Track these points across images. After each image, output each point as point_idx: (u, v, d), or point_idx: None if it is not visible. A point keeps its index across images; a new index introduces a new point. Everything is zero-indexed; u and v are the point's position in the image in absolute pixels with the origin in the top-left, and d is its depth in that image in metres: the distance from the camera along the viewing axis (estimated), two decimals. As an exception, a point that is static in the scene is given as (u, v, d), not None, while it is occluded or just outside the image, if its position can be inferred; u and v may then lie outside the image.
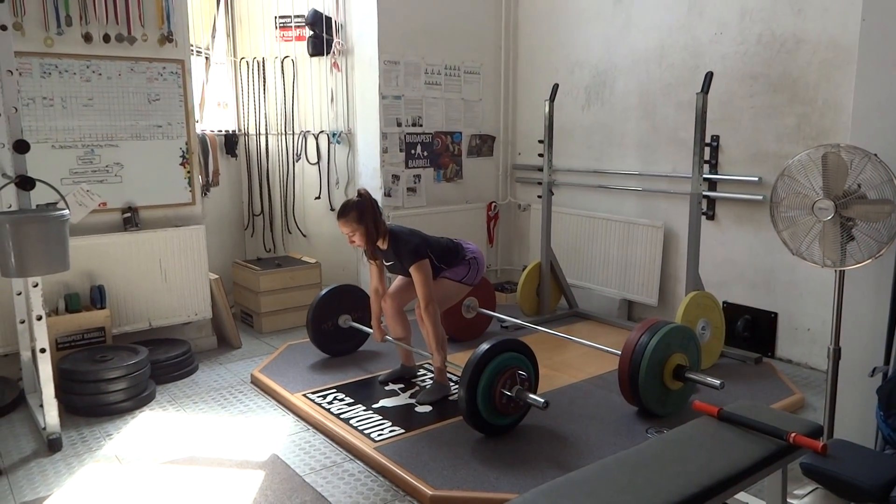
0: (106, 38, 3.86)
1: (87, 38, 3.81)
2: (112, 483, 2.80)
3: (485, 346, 3.01)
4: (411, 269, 3.37)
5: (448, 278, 3.59)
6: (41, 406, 3.12)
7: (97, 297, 3.88)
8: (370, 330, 3.95)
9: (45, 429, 3.10)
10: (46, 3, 3.68)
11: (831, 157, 2.50)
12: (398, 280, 3.70)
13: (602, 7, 4.95)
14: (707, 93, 3.75)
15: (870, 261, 2.48)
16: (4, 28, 2.92)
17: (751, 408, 2.29)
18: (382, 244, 3.45)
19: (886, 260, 2.59)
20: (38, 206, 3.08)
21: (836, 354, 2.68)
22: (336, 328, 4.15)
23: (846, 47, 3.66)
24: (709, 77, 3.77)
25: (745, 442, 2.09)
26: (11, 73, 2.95)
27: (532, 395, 3.02)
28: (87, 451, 3.08)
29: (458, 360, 3.58)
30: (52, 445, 3.07)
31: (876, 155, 2.43)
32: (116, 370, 3.46)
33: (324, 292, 4.15)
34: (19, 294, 3.39)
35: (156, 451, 3.07)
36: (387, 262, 3.57)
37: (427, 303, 3.36)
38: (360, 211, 3.34)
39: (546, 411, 3.07)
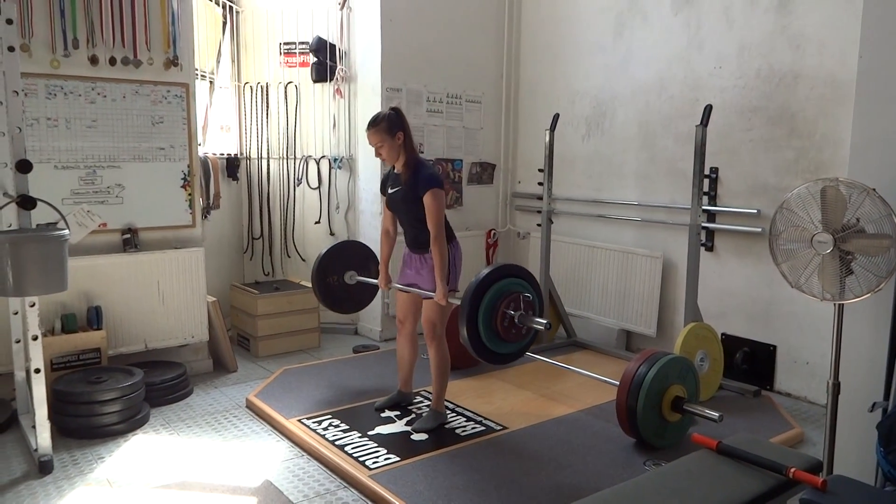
0: (112, 61, 3.90)
1: (94, 60, 3.85)
2: (102, 507, 2.77)
3: (488, 269, 2.97)
4: (425, 197, 3.22)
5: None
6: (34, 427, 3.09)
7: (94, 318, 3.86)
8: (376, 282, 3.87)
9: (36, 450, 3.06)
10: (54, 25, 3.72)
11: (830, 190, 2.52)
12: (403, 302, 3.63)
13: (603, 39, 5.02)
14: (706, 125, 3.79)
15: (869, 295, 2.48)
16: (12, 49, 2.95)
17: (750, 441, 2.27)
18: (402, 167, 3.33)
19: (885, 294, 2.59)
20: (38, 225, 3.08)
21: (836, 389, 2.66)
22: (342, 284, 4.12)
23: (844, 83, 3.70)
24: (708, 110, 3.80)
25: (745, 476, 2.07)
26: (17, 93, 2.97)
27: (536, 318, 2.94)
28: (79, 473, 3.05)
29: (458, 387, 3.56)
30: (44, 468, 3.03)
31: (874, 189, 2.44)
32: (111, 392, 3.44)
33: (331, 246, 4.15)
34: (16, 313, 3.38)
35: (148, 476, 3.03)
36: (392, 187, 3.43)
37: (438, 232, 3.24)
38: (390, 122, 3.27)
39: (543, 442, 3.04)
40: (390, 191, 3.43)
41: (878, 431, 2.50)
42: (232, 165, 5.25)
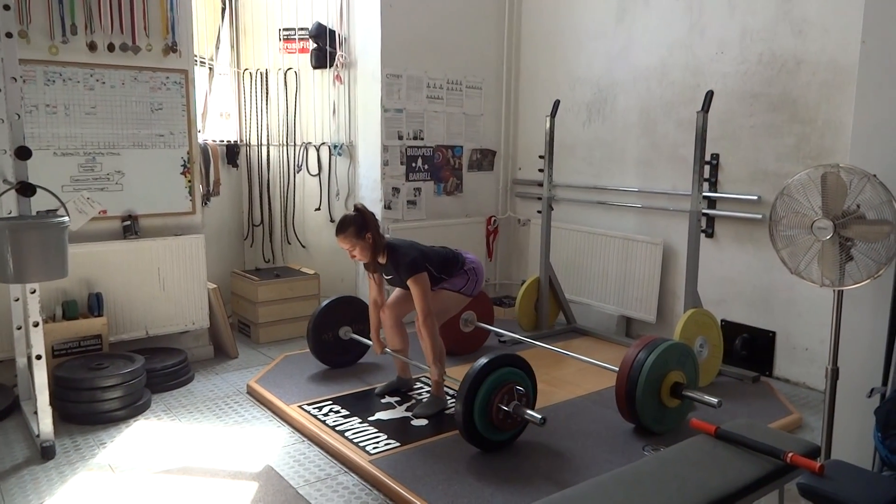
0: (110, 48, 3.89)
1: (92, 46, 3.83)
2: (104, 492, 2.78)
3: (483, 361, 3.00)
4: (409, 283, 3.37)
5: (447, 289, 3.59)
6: (35, 413, 3.11)
7: (95, 305, 3.87)
8: (370, 342, 3.95)
9: (38, 436, 3.08)
10: (52, 11, 3.70)
11: (831, 177, 2.51)
12: (397, 291, 3.70)
13: (604, 25, 4.99)
14: (707, 111, 3.77)
15: (868, 281, 2.49)
16: (10, 35, 2.94)
17: (748, 426, 2.28)
18: (381, 258, 3.46)
19: (885, 280, 2.60)
20: (38, 212, 3.08)
21: (834, 374, 2.67)
22: (336, 339, 4.14)
23: (846, 68, 3.68)
24: (709, 95, 3.79)
25: (743, 461, 2.08)
26: (16, 80, 2.96)
27: (530, 412, 3.00)
28: (81, 459, 3.07)
29: (456, 373, 3.57)
30: (46, 453, 3.05)
31: (875, 175, 2.44)
32: (112, 378, 3.45)
33: (326, 303, 4.15)
34: (17, 300, 3.39)
35: (149, 461, 3.05)
36: (386, 275, 3.57)
37: (425, 316, 3.36)
38: (357, 226, 3.36)
39: (543, 427, 3.05)
40: (387, 277, 3.57)
41: (876, 417, 2.51)
42: (232, 152, 5.24)
